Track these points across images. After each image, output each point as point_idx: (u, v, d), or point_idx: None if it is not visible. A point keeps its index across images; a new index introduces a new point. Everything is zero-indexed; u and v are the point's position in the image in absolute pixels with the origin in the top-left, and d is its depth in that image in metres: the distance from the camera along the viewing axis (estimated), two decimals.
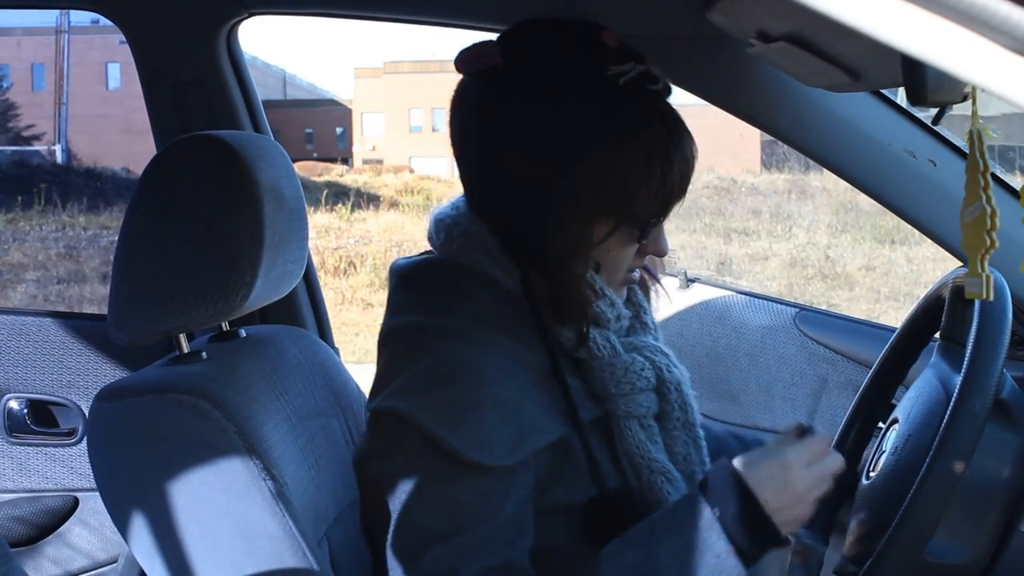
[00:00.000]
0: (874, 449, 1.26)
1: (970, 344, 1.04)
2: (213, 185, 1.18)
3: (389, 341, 1.10)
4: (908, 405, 1.23)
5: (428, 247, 1.17)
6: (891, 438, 1.22)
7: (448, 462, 1.00)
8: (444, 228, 1.13)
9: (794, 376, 1.93)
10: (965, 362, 1.02)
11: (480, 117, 1.08)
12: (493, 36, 1.12)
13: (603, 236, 1.07)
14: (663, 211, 1.09)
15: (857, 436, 1.33)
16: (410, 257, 1.17)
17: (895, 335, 1.34)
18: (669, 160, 1.06)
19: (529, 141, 1.05)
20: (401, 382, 1.04)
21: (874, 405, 1.34)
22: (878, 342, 1.62)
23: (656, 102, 1.07)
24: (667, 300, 1.26)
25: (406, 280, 1.14)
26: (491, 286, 1.09)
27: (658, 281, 1.24)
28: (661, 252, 1.14)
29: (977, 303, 1.06)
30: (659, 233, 1.12)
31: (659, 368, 1.12)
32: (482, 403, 1.02)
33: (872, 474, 1.22)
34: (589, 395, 1.10)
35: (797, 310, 1.98)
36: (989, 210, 0.98)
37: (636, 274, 1.15)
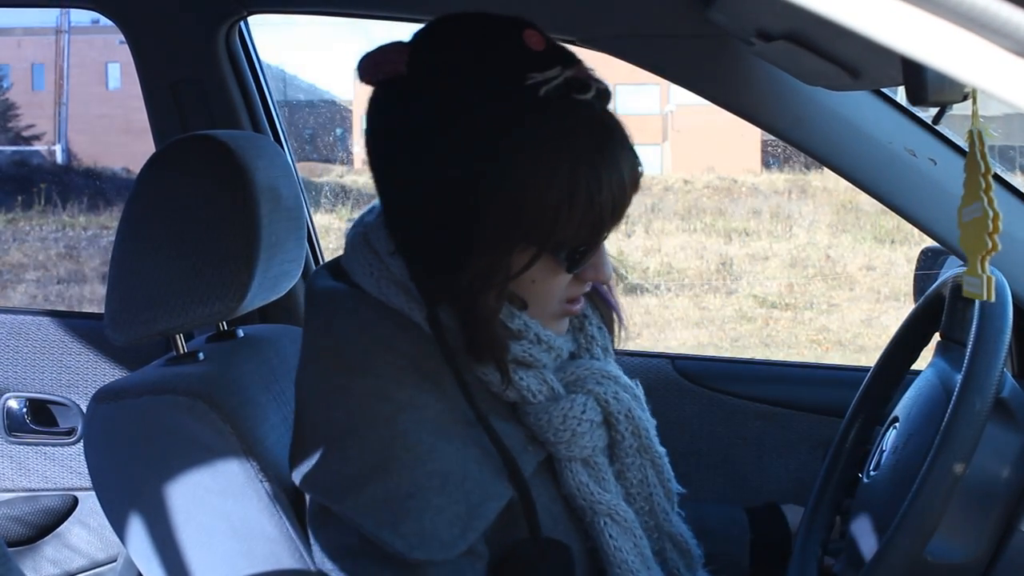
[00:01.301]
0: (874, 449, 1.26)
1: (970, 343, 1.03)
2: (210, 185, 1.18)
3: (310, 403, 0.99)
4: (908, 405, 1.22)
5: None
6: (891, 438, 1.22)
7: (394, 564, 0.91)
8: (358, 253, 1.01)
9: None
10: (965, 361, 1.02)
11: (383, 131, 0.97)
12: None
13: (520, 267, 0.94)
14: (593, 238, 0.96)
15: (857, 436, 1.33)
16: (325, 280, 1.04)
17: (895, 335, 1.34)
18: (597, 180, 0.91)
19: (433, 160, 0.92)
20: (330, 471, 0.94)
21: (874, 405, 1.34)
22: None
23: (584, 113, 0.92)
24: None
25: (319, 316, 1.01)
26: (407, 327, 0.97)
27: (613, 307, 1.12)
28: (602, 279, 1.01)
29: (977, 302, 1.06)
30: (598, 258, 0.99)
31: (604, 401, 1.03)
32: (422, 486, 0.91)
33: (872, 474, 1.22)
34: (529, 438, 1.01)
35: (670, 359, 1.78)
36: (991, 213, 0.97)
37: (578, 305, 1.02)
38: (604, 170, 0.92)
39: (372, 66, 0.96)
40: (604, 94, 0.95)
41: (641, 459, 1.06)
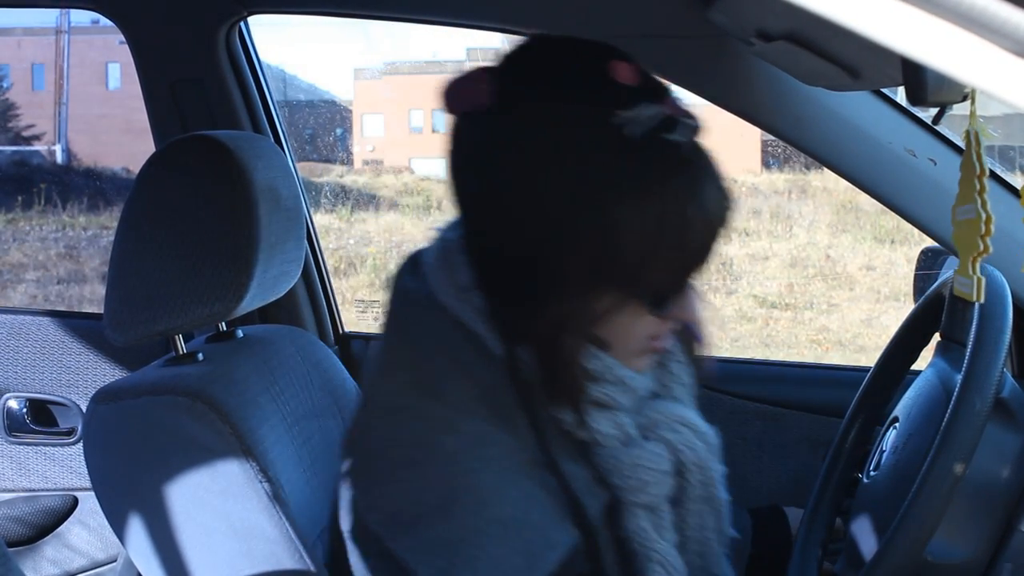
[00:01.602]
0: (874, 449, 1.26)
1: (970, 343, 1.03)
2: (209, 185, 1.18)
3: (376, 413, 0.96)
4: (908, 405, 1.22)
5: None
6: (891, 438, 1.22)
7: None
8: (441, 271, 0.96)
9: None
10: (965, 361, 1.02)
11: (465, 164, 0.93)
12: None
13: (603, 312, 0.90)
14: (680, 281, 0.92)
15: (857, 436, 1.33)
16: (410, 279, 1.00)
17: (895, 335, 1.34)
18: (685, 223, 0.87)
19: (515, 200, 0.88)
20: (389, 499, 0.91)
21: (874, 405, 1.34)
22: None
23: (673, 153, 0.87)
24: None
25: (398, 319, 0.99)
26: (486, 355, 0.93)
27: (700, 339, 1.04)
28: (688, 319, 0.97)
29: (978, 302, 1.06)
30: (685, 297, 0.94)
31: (677, 451, 0.99)
32: (482, 532, 0.88)
33: (872, 474, 1.22)
34: (596, 479, 0.95)
35: None
36: (984, 216, 0.97)
37: (663, 342, 0.97)
38: (693, 212, 0.87)
39: (457, 96, 0.92)
40: (694, 130, 0.90)
41: (704, 507, 1.03)
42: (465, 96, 0.91)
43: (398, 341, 0.98)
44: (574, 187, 0.86)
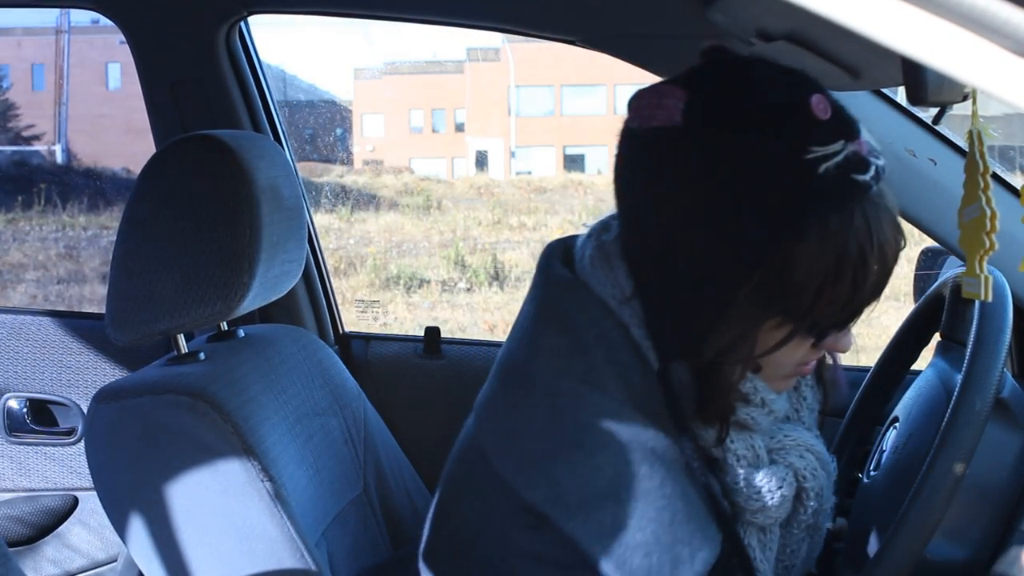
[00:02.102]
0: (874, 449, 1.26)
1: (970, 343, 1.03)
2: (211, 185, 1.18)
3: (535, 394, 0.95)
4: (908, 405, 1.22)
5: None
6: (891, 438, 1.22)
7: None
8: (602, 273, 0.95)
9: None
10: (965, 361, 1.02)
11: (648, 180, 0.91)
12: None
13: (771, 344, 0.91)
14: (849, 320, 0.93)
15: (857, 436, 1.33)
16: (562, 268, 0.99)
17: (895, 335, 1.34)
18: (864, 264, 0.87)
19: (702, 224, 0.87)
20: (555, 480, 0.91)
21: (874, 405, 1.34)
22: None
23: (860, 195, 0.87)
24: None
25: (554, 306, 0.97)
26: (642, 361, 0.94)
27: (835, 367, 1.05)
28: (842, 350, 0.97)
29: (977, 302, 1.06)
30: (845, 331, 0.94)
31: (801, 476, 0.99)
32: (650, 518, 0.90)
33: (872, 474, 1.22)
34: (722, 493, 0.97)
35: None
36: (989, 212, 0.97)
37: (810, 367, 0.99)
38: (870, 251, 0.88)
39: (647, 111, 0.90)
40: (880, 171, 0.90)
41: (806, 534, 1.04)
42: (655, 111, 0.90)
43: (555, 326, 0.97)
44: (758, 216, 0.86)
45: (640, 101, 0.91)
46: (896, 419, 1.24)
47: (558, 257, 1.01)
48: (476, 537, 0.96)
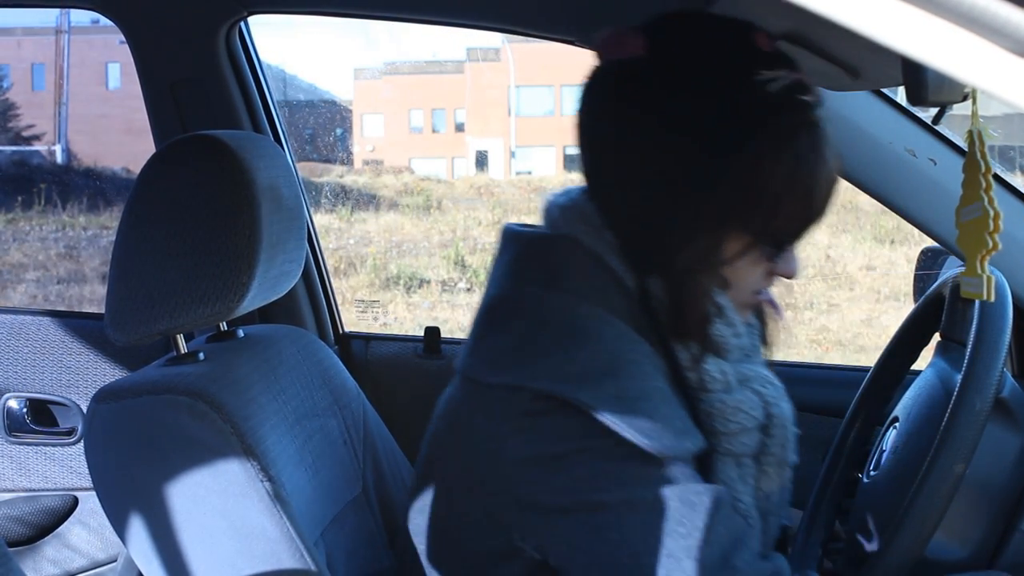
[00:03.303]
0: (874, 449, 1.26)
1: (970, 343, 1.03)
2: (210, 185, 1.18)
3: (524, 310, 1.02)
4: (908, 405, 1.22)
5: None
6: (891, 438, 1.22)
7: (630, 457, 0.95)
8: (570, 214, 1.04)
9: None
10: (965, 361, 1.02)
11: (616, 108, 1.01)
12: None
13: (735, 253, 1.00)
14: (801, 231, 1.02)
15: (857, 436, 1.33)
16: (532, 227, 1.09)
17: (895, 335, 1.34)
18: (813, 176, 0.98)
19: (666, 142, 0.97)
20: (557, 366, 0.97)
21: (874, 405, 1.34)
22: None
23: (805, 113, 0.98)
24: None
25: (534, 253, 1.05)
26: (622, 288, 1.01)
27: (779, 313, 1.14)
28: (792, 274, 1.06)
29: (977, 302, 1.06)
30: (791, 253, 1.04)
31: (768, 403, 1.05)
32: (649, 394, 0.96)
33: (872, 474, 1.22)
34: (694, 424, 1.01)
35: None
36: (992, 212, 0.98)
37: (764, 296, 1.08)
38: (818, 166, 0.98)
39: (615, 44, 1.01)
40: (820, 98, 1.01)
41: (776, 473, 1.08)
42: (622, 45, 1.01)
43: (534, 264, 1.05)
44: (719, 132, 0.96)
45: (609, 38, 1.02)
46: (896, 419, 1.24)
47: (520, 227, 1.09)
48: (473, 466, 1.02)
